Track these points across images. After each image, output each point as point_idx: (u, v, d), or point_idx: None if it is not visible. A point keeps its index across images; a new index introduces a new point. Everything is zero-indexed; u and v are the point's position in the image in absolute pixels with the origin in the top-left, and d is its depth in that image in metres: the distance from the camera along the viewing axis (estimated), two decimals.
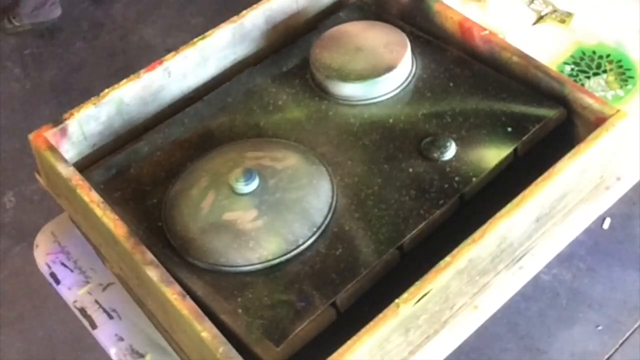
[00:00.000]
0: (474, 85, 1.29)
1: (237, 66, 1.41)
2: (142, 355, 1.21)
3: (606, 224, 2.00)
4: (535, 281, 1.27)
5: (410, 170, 1.18)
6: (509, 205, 1.10)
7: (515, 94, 1.26)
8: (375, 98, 1.30)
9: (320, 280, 1.06)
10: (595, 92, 1.41)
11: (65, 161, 1.19)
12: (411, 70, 1.33)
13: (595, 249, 1.97)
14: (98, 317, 1.26)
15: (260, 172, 1.15)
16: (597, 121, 1.19)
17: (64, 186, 1.18)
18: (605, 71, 1.45)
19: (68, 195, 1.20)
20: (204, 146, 1.26)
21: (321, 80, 1.32)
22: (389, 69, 1.30)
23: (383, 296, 1.03)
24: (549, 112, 1.23)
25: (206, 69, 1.37)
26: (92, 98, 1.26)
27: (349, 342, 0.98)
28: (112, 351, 1.22)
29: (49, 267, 1.33)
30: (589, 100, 1.21)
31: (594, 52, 1.49)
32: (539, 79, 1.26)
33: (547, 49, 1.52)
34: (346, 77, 1.30)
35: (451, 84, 1.30)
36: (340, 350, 0.97)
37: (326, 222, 1.12)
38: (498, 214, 1.09)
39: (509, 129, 1.22)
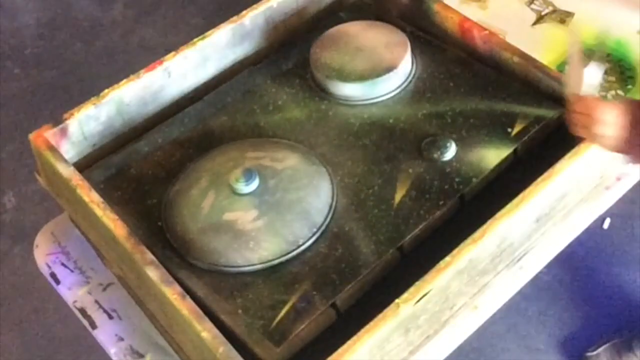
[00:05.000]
0: (474, 85, 1.29)
1: (237, 66, 1.41)
2: (142, 355, 1.21)
3: (606, 224, 2.00)
4: (535, 281, 1.27)
5: (410, 170, 1.18)
6: (509, 205, 1.10)
7: (515, 94, 1.26)
8: (375, 98, 1.30)
9: (321, 281, 1.06)
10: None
11: (65, 161, 1.19)
12: (411, 70, 1.33)
13: (595, 249, 1.97)
14: (98, 317, 1.26)
15: (260, 172, 1.15)
16: None
17: (64, 186, 1.18)
18: (605, 71, 1.45)
19: (68, 195, 1.20)
20: (204, 146, 1.26)
21: (321, 80, 1.32)
22: (389, 69, 1.30)
23: (383, 296, 1.03)
24: (549, 113, 1.23)
25: (206, 69, 1.37)
26: (92, 98, 1.26)
27: (349, 342, 0.98)
28: (112, 351, 1.22)
29: (49, 267, 1.33)
30: None
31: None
32: (539, 79, 1.26)
33: (547, 49, 1.52)
34: (346, 77, 1.30)
35: (451, 84, 1.30)
36: (340, 350, 0.97)
37: (326, 222, 1.12)
38: (498, 214, 1.09)
39: (509, 130, 1.21)
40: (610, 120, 0.98)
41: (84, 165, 1.25)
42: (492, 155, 1.19)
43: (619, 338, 1.72)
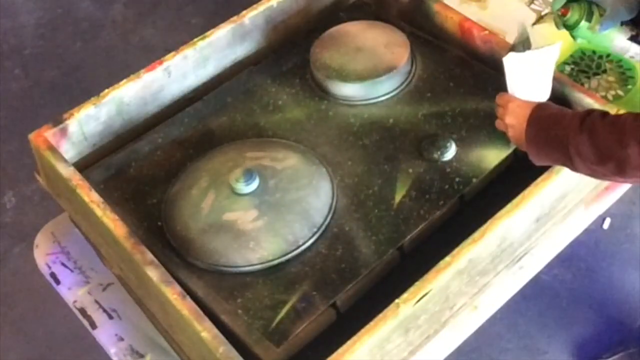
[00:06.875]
0: (474, 85, 1.29)
1: (237, 66, 1.41)
2: (142, 355, 1.21)
3: (606, 224, 2.00)
4: (535, 281, 1.27)
5: (411, 170, 1.18)
6: (509, 205, 1.10)
7: None
8: (375, 98, 1.30)
9: (321, 281, 1.06)
10: (595, 92, 1.41)
11: (65, 161, 1.19)
12: (411, 71, 1.33)
13: (595, 249, 1.97)
14: (98, 317, 1.26)
15: (260, 172, 1.15)
16: None
17: (64, 186, 1.18)
18: (605, 71, 1.45)
19: (68, 195, 1.20)
20: (204, 146, 1.26)
21: (321, 80, 1.32)
22: (389, 69, 1.30)
23: (383, 296, 1.03)
24: None
25: (206, 69, 1.37)
26: (92, 98, 1.26)
27: (349, 342, 0.97)
28: (112, 351, 1.22)
29: (49, 267, 1.33)
30: (589, 100, 1.21)
31: (594, 52, 1.49)
32: None
33: None
34: (346, 77, 1.30)
35: (451, 84, 1.30)
36: (340, 350, 0.97)
37: (326, 222, 1.12)
38: (498, 214, 1.09)
39: None
40: (516, 112, 1.11)
41: (84, 165, 1.25)
42: (492, 155, 1.19)
43: (633, 347, 1.72)
